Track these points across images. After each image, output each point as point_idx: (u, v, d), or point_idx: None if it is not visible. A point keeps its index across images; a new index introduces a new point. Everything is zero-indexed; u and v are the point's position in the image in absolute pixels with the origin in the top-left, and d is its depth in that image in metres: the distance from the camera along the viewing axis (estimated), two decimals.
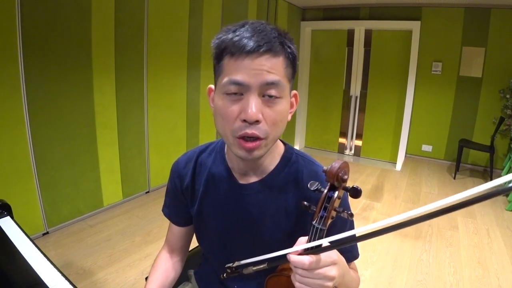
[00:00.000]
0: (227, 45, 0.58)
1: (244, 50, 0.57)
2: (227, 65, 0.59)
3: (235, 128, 0.60)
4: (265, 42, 0.57)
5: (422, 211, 0.36)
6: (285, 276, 0.61)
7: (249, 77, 0.57)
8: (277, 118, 0.61)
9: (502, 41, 4.01)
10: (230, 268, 0.69)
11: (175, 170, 0.83)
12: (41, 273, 0.85)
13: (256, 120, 0.58)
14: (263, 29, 0.59)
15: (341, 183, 0.53)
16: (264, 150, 0.63)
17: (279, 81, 0.59)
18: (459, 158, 3.99)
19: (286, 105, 0.63)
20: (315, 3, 4.69)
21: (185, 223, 0.87)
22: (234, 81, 0.58)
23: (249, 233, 0.75)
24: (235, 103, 0.59)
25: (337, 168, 0.51)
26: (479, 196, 0.31)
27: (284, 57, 0.60)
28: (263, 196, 0.72)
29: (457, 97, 4.39)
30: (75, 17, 2.27)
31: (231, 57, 0.58)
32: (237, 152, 0.63)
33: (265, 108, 0.59)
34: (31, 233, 2.19)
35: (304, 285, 0.53)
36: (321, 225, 0.53)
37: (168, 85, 3.14)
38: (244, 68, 0.57)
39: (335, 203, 0.53)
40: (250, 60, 0.57)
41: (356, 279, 0.74)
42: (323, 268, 0.52)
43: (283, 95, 0.61)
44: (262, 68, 0.57)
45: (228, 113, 0.60)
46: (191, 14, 3.19)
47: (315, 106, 5.23)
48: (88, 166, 2.55)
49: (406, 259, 2.31)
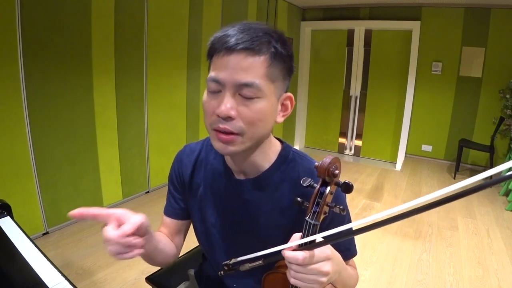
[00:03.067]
0: (213, 42, 0.61)
1: (223, 47, 0.59)
2: (213, 63, 0.62)
3: (211, 122, 0.62)
4: (245, 40, 0.58)
5: (418, 202, 0.35)
6: (281, 273, 0.62)
7: (225, 75, 0.59)
8: (254, 117, 0.60)
9: (502, 41, 4.01)
10: (227, 265, 0.70)
11: (179, 158, 0.84)
12: (41, 273, 0.85)
13: (228, 116, 0.59)
14: (250, 27, 0.60)
15: (333, 178, 0.53)
16: (241, 147, 0.63)
17: (253, 82, 0.58)
18: (459, 158, 3.99)
19: (267, 105, 0.62)
20: (315, 3, 4.69)
21: (179, 215, 0.85)
22: (211, 78, 0.61)
23: (247, 229, 0.75)
24: (215, 98, 0.62)
25: (328, 163, 0.52)
26: (477, 186, 0.30)
27: (267, 56, 0.59)
28: (258, 193, 0.73)
29: (457, 97, 4.39)
30: (75, 17, 2.27)
31: (215, 54, 0.61)
32: (215, 145, 0.64)
33: (241, 106, 0.60)
34: (31, 233, 2.19)
35: (299, 280, 0.54)
36: (314, 221, 0.54)
37: (168, 85, 3.14)
38: (221, 66, 0.59)
39: (327, 198, 0.54)
40: (227, 58, 0.58)
41: (354, 276, 0.74)
42: (317, 263, 0.53)
43: (261, 95, 0.60)
44: (237, 67, 0.58)
45: (207, 108, 0.63)
46: (191, 14, 3.19)
47: (315, 106, 5.23)
48: (88, 166, 2.55)
49: (406, 259, 2.31)
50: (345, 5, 4.64)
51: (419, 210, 0.35)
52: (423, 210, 0.34)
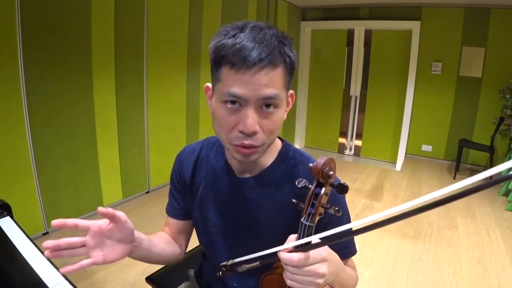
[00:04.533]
0: (226, 53, 0.57)
1: (244, 64, 0.56)
2: (227, 76, 0.58)
3: (232, 137, 0.61)
4: (266, 54, 0.56)
5: (417, 203, 0.35)
6: (278, 274, 0.62)
7: (248, 91, 0.57)
8: (274, 127, 0.63)
9: (502, 41, 4.01)
10: (225, 266, 0.70)
11: (179, 158, 0.84)
12: (41, 273, 0.85)
13: (254, 132, 0.59)
14: (264, 37, 0.57)
15: (327, 180, 0.53)
16: (261, 154, 0.65)
17: (277, 94, 0.59)
18: (459, 158, 3.99)
19: (283, 112, 0.64)
20: (315, 3, 4.69)
21: (182, 216, 0.86)
22: (233, 94, 0.58)
23: (248, 228, 0.75)
24: (233, 113, 0.60)
25: (322, 165, 0.52)
26: (477, 186, 0.30)
27: (283, 67, 0.60)
28: (259, 191, 0.73)
29: (457, 97, 4.39)
30: (75, 17, 2.27)
31: (231, 68, 0.57)
32: (235, 156, 0.64)
33: (262, 119, 0.60)
34: (31, 233, 2.19)
35: (295, 282, 0.54)
36: (309, 222, 0.54)
37: (168, 85, 3.14)
38: (243, 82, 0.57)
39: (322, 199, 0.54)
40: (250, 75, 0.56)
41: (353, 277, 0.73)
42: (312, 265, 0.53)
43: (280, 104, 0.62)
44: (261, 82, 0.57)
45: (226, 123, 0.61)
46: (191, 14, 3.19)
47: (315, 106, 5.23)
48: (88, 166, 2.55)
49: (406, 259, 2.31)
50: (345, 5, 4.64)
51: (419, 210, 0.35)
52: (423, 211, 0.34)
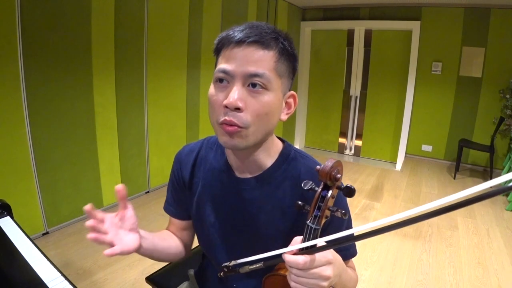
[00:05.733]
0: (222, 39, 0.63)
1: (233, 40, 0.60)
2: (221, 56, 0.63)
3: (218, 115, 0.62)
4: (254, 34, 0.60)
5: (421, 210, 0.36)
6: (281, 276, 0.62)
7: (235, 66, 0.60)
8: (261, 110, 0.61)
9: (502, 41, 4.01)
10: (227, 267, 0.69)
11: (178, 158, 0.84)
12: (41, 273, 0.85)
13: (237, 107, 0.59)
14: (258, 25, 0.62)
15: (334, 182, 0.53)
16: (246, 140, 0.63)
17: (264, 73, 0.60)
18: (459, 158, 3.99)
19: (274, 99, 0.62)
20: (315, 3, 4.69)
21: (183, 216, 0.86)
22: (221, 69, 0.61)
23: (247, 229, 0.75)
24: (222, 91, 0.62)
25: (330, 167, 0.51)
26: (478, 196, 0.31)
27: (275, 51, 0.61)
28: (259, 192, 0.72)
29: (457, 97, 4.39)
30: (75, 17, 2.27)
31: (224, 48, 0.62)
32: (220, 139, 0.64)
33: (249, 97, 0.60)
34: (31, 233, 2.19)
35: (299, 284, 0.53)
36: (315, 225, 0.53)
37: (168, 85, 3.14)
38: (232, 58, 0.60)
39: (329, 202, 0.53)
40: (238, 50, 0.60)
41: (354, 278, 0.73)
42: (318, 268, 0.52)
43: (270, 87, 0.61)
44: (248, 58, 0.59)
45: (214, 101, 0.63)
46: (191, 14, 3.19)
47: (315, 106, 5.23)
48: (88, 166, 2.55)
49: (406, 259, 2.31)
50: (345, 5, 4.64)
51: (422, 217, 0.35)
52: (428, 217, 0.35)
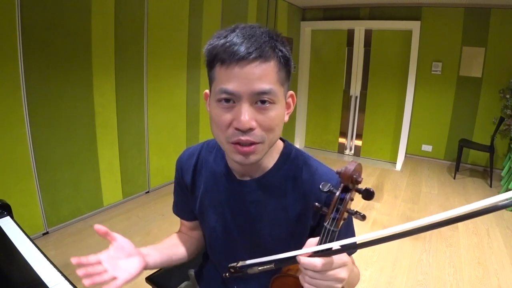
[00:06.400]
0: (217, 51, 0.58)
1: (234, 58, 0.56)
2: (219, 73, 0.59)
3: (228, 135, 0.60)
4: (255, 48, 0.56)
5: (431, 220, 0.38)
6: (292, 277, 0.61)
7: (240, 86, 0.57)
8: (271, 124, 0.61)
9: (502, 41, 4.00)
10: (234, 267, 0.69)
11: (179, 164, 0.84)
12: (41, 273, 0.85)
13: (250, 128, 0.58)
14: (253, 33, 0.58)
15: (355, 185, 0.53)
16: (261, 154, 0.63)
17: (270, 89, 0.58)
18: (459, 158, 3.99)
19: (280, 109, 0.62)
20: (315, 3, 4.69)
21: (191, 217, 0.88)
22: (225, 90, 0.58)
23: (249, 231, 0.75)
24: (228, 111, 0.60)
25: (352, 170, 0.52)
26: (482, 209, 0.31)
27: (275, 61, 0.59)
28: (261, 194, 0.72)
29: (457, 97, 4.39)
30: (75, 17, 2.27)
31: (222, 65, 0.58)
32: (234, 157, 0.62)
33: (258, 115, 0.59)
34: (31, 233, 2.19)
35: (314, 286, 0.53)
36: (333, 227, 0.53)
37: (168, 85, 3.14)
38: (234, 77, 0.57)
39: (348, 204, 0.54)
40: (240, 68, 0.57)
41: (357, 274, 0.74)
42: (333, 269, 0.52)
43: (276, 100, 0.60)
44: (252, 76, 0.57)
45: (221, 121, 0.60)
46: (191, 14, 3.19)
47: (315, 106, 5.23)
48: (88, 166, 2.55)
49: (406, 259, 2.31)
50: (345, 5, 4.64)
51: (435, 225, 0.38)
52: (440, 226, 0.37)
